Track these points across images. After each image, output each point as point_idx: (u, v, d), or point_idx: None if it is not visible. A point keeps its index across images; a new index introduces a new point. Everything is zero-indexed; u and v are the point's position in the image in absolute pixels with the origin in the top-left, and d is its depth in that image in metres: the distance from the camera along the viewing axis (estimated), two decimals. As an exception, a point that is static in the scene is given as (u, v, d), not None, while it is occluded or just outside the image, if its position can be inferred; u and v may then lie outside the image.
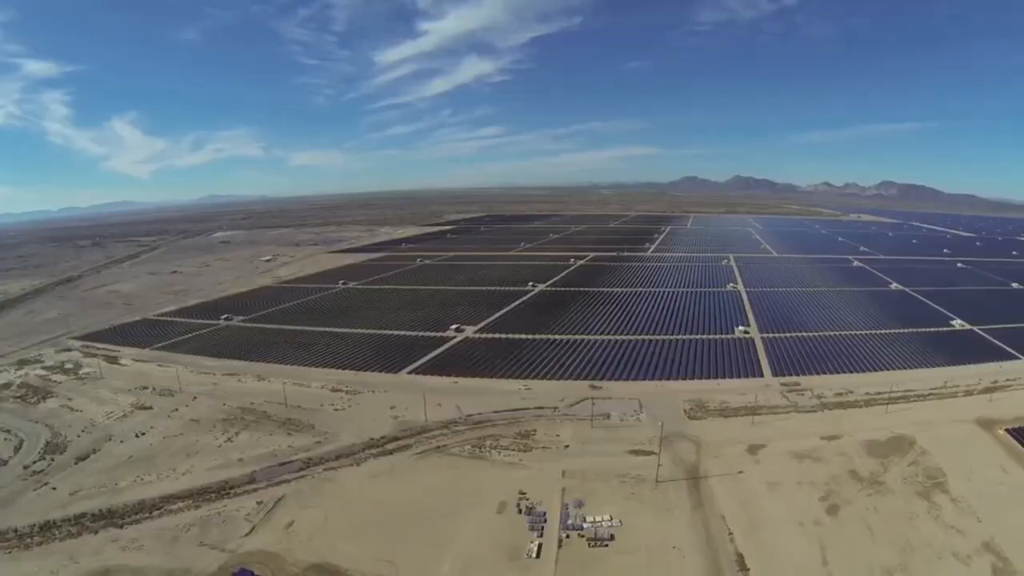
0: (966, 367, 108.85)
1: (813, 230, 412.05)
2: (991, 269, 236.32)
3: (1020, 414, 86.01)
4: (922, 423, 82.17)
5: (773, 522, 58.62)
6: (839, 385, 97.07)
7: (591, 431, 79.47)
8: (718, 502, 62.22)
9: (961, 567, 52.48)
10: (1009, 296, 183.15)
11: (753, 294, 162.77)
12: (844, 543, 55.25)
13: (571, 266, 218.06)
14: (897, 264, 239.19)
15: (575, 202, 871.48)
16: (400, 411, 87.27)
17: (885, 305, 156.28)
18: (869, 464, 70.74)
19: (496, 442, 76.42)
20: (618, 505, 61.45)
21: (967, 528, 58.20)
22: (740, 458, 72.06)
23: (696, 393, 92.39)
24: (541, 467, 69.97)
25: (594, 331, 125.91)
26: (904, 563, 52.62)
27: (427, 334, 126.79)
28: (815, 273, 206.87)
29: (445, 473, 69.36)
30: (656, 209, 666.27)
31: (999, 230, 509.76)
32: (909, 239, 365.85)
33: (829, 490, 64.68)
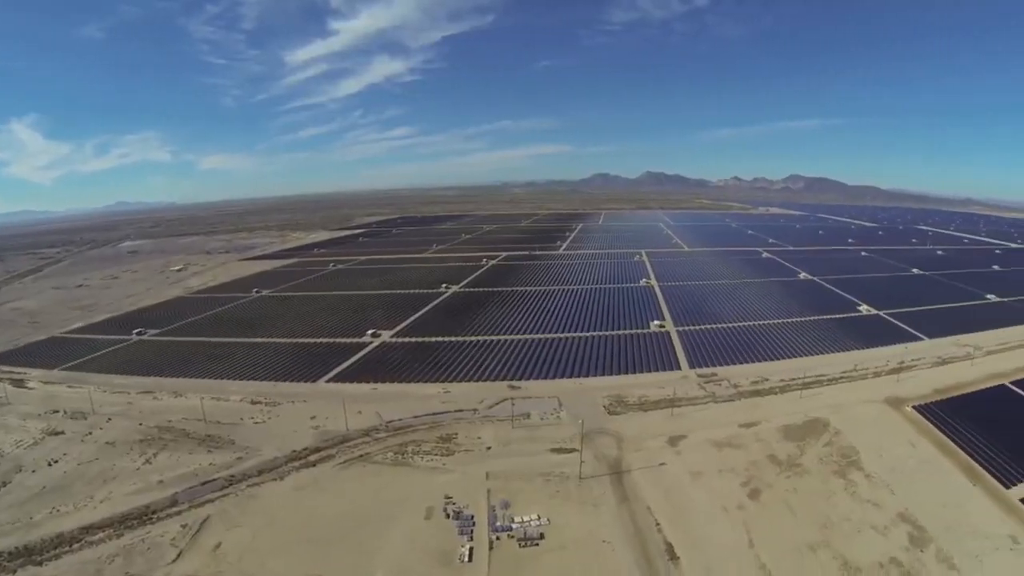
0: (874, 350, 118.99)
1: (724, 223, 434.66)
2: (893, 256, 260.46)
3: (925, 392, 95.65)
4: (835, 405, 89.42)
5: (698, 510, 62.08)
6: (755, 374, 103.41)
7: (512, 431, 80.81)
8: (643, 494, 65.04)
9: (880, 538, 57.76)
10: (910, 281, 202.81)
11: (666, 288, 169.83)
12: (768, 525, 59.43)
13: (484, 266, 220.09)
14: (805, 254, 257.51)
15: (487, 202, 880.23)
16: (321, 421, 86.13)
17: (795, 294, 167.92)
18: (787, 448, 76.06)
19: (418, 447, 76.72)
20: (544, 504, 63.00)
21: (882, 501, 64.03)
22: (662, 450, 75.51)
23: (614, 389, 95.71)
24: (465, 470, 70.68)
25: (510, 331, 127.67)
26: (826, 539, 57.30)
27: (344, 340, 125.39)
28: (727, 265, 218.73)
29: (370, 482, 68.99)
30: (568, 207, 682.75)
31: (899, 219, 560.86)
32: (816, 230, 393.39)
33: (750, 475, 69.06)
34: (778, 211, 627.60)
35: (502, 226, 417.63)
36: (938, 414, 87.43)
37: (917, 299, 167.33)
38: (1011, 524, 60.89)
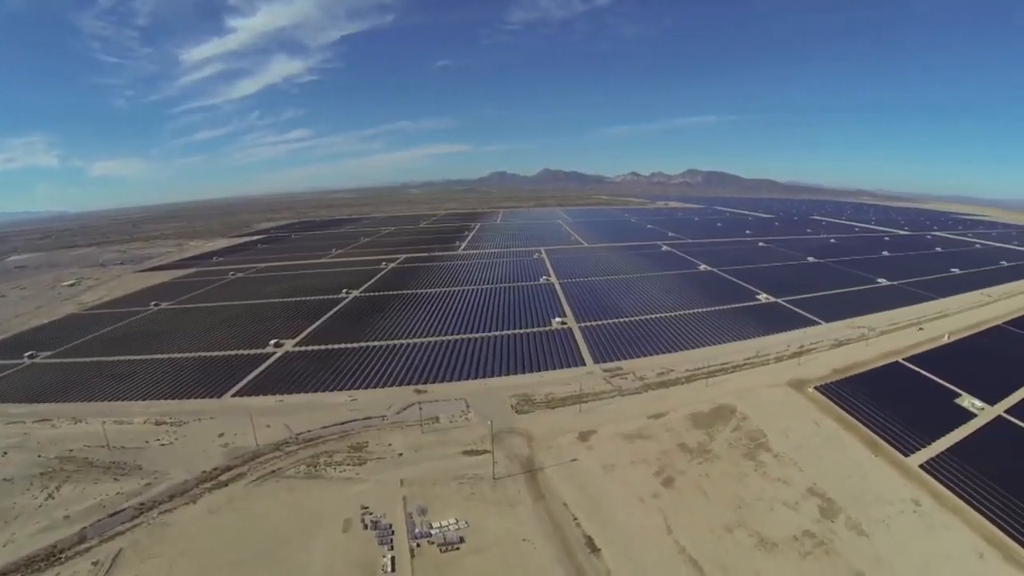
0: (774, 336, 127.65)
1: (623, 218, 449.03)
2: (789, 246, 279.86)
3: (825, 373, 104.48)
4: (740, 391, 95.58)
5: (614, 502, 64.63)
6: (660, 365, 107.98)
7: (422, 436, 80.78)
8: (558, 491, 66.91)
9: (792, 513, 62.70)
10: (806, 269, 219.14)
11: (567, 285, 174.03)
12: (684, 510, 62.83)
13: (384, 269, 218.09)
14: (704, 246, 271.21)
15: (385, 203, 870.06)
16: (229, 438, 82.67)
17: (696, 286, 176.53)
18: (696, 435, 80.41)
19: (330, 458, 75.38)
20: (461, 507, 63.66)
21: (792, 478, 69.48)
22: (573, 446, 77.75)
23: (521, 387, 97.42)
24: (379, 479, 70.17)
25: (413, 334, 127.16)
26: (741, 518, 61.45)
27: (247, 352, 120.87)
28: (627, 260, 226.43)
29: (284, 498, 67.03)
30: (466, 206, 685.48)
31: (794, 211, 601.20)
32: (714, 222, 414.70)
33: (662, 465, 72.44)
34: (677, 205, 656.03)
35: (401, 228, 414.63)
36: (838, 393, 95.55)
37: (813, 286, 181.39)
38: (912, 489, 68.07)
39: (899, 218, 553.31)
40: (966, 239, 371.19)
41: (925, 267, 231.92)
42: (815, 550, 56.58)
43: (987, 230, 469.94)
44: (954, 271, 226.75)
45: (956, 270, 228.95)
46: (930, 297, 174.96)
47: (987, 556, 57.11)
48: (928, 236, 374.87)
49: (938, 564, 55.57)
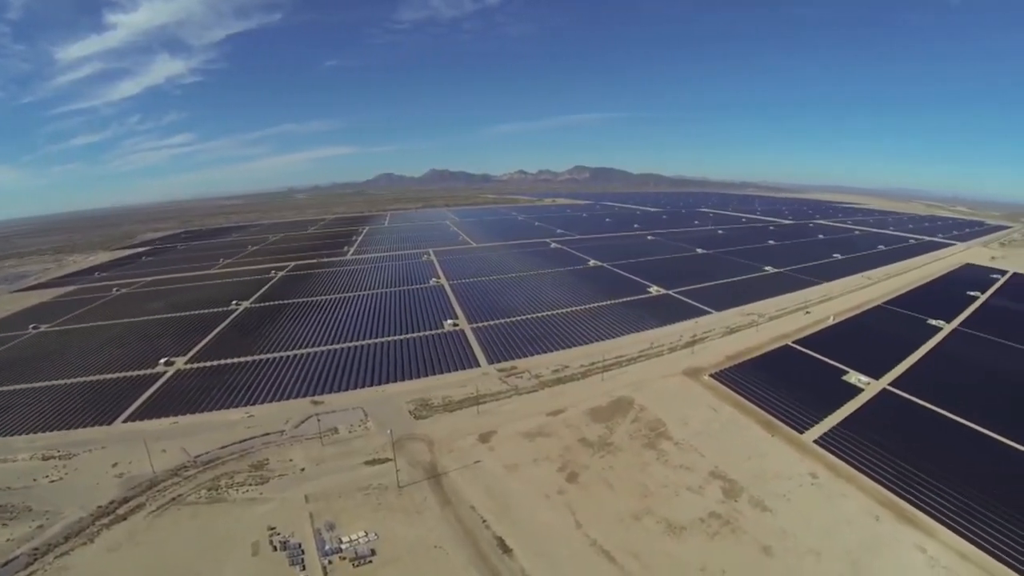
0: (667, 327, 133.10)
1: (510, 217, 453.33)
2: (677, 239, 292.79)
3: (719, 360, 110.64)
4: (637, 383, 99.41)
5: (521, 501, 65.89)
6: (555, 362, 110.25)
7: (323, 449, 79.19)
8: (464, 494, 67.50)
9: (697, 497, 66.36)
10: (695, 260, 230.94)
11: (457, 286, 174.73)
12: (590, 504, 64.91)
13: (273, 278, 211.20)
14: (593, 242, 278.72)
15: (273, 209, 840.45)
16: (124, 467, 77.34)
17: (587, 281, 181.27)
18: (596, 429, 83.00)
19: (232, 479, 72.25)
20: (369, 519, 62.97)
21: (694, 464, 73.39)
22: (474, 448, 78.55)
23: (417, 392, 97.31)
24: (283, 497, 68.10)
25: (306, 344, 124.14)
26: (648, 507, 64.29)
27: (136, 373, 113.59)
28: (516, 258, 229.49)
29: (188, 526, 63.68)
30: (354, 210, 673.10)
31: (682, 204, 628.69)
32: (603, 218, 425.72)
33: (565, 460, 74.43)
34: (565, 201, 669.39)
35: (289, 234, 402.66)
36: (733, 378, 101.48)
37: (703, 276, 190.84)
38: (809, 463, 74.00)
39: (783, 208, 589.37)
40: (846, 226, 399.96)
41: (809, 254, 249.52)
42: (722, 530, 60.07)
43: (865, 217, 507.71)
44: (836, 256, 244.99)
45: (838, 255, 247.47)
46: (815, 282, 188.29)
47: (882, 518, 63.18)
48: (811, 224, 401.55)
49: (838, 530, 60.66)
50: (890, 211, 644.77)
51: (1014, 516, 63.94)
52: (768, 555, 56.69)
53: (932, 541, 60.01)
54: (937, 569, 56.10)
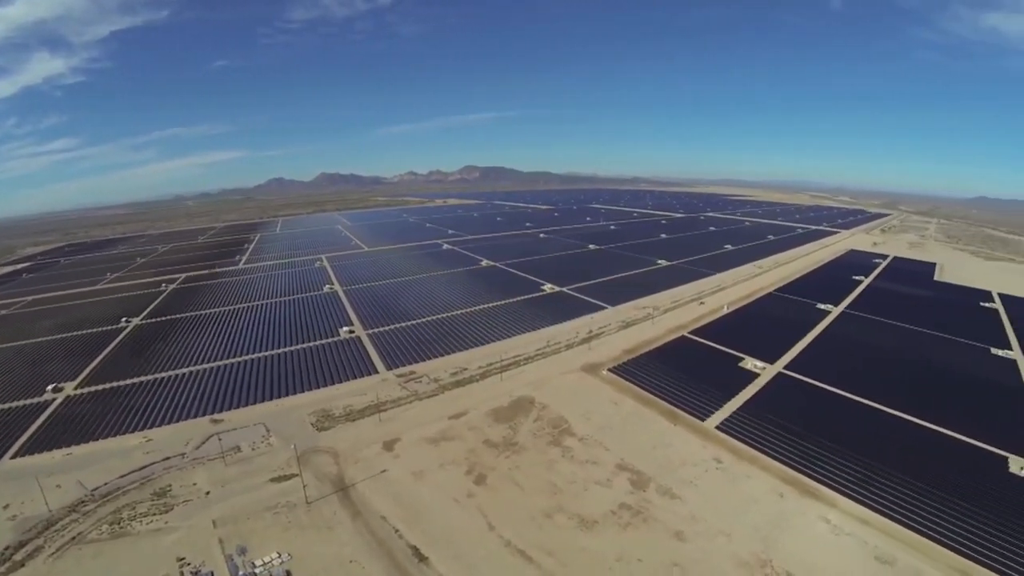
0: (563, 324, 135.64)
1: (402, 219, 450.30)
2: (569, 235, 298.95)
3: (616, 354, 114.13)
4: (536, 382, 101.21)
5: (431, 507, 65.73)
6: (453, 365, 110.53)
7: (226, 469, 76.11)
8: (374, 505, 66.70)
9: (606, 490, 68.23)
10: (588, 256, 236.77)
11: (351, 292, 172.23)
12: (501, 505, 65.57)
13: (164, 292, 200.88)
14: (485, 242, 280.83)
15: (161, 218, 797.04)
16: (16, 508, 71.02)
17: (480, 282, 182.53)
18: (500, 430, 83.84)
19: (134, 511, 68.03)
20: (280, 539, 61.09)
21: (600, 458, 75.37)
22: (379, 457, 77.71)
23: (318, 403, 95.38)
24: (190, 524, 64.91)
25: (202, 360, 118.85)
26: (558, 503, 65.53)
27: (23, 403, 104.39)
28: (409, 261, 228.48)
29: (92, 566, 59.37)
30: (244, 217, 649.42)
31: (572, 201, 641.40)
32: (494, 217, 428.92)
33: (472, 463, 74.82)
34: (456, 202, 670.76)
35: (179, 244, 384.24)
36: (631, 372, 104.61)
37: (597, 272, 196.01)
38: (712, 449, 77.62)
39: (674, 202, 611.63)
40: (736, 218, 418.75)
41: (701, 246, 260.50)
42: (633, 520, 62.00)
43: (754, 209, 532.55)
44: (727, 247, 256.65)
45: (729, 246, 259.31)
46: (708, 273, 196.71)
47: (786, 494, 67.27)
48: (701, 217, 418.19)
49: (746, 509, 64.03)
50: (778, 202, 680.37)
51: (906, 480, 70.02)
52: (681, 540, 58.98)
53: (834, 511, 64.73)
54: (841, 536, 60.65)
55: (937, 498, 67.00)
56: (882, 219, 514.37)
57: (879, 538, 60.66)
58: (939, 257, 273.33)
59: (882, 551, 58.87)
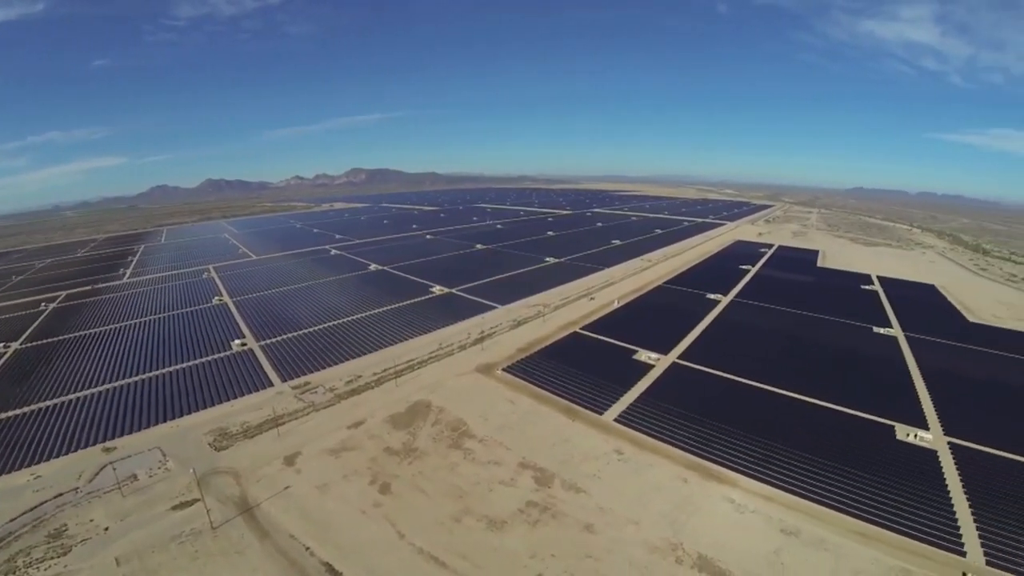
0: (455, 326, 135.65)
1: (289, 225, 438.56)
2: (457, 236, 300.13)
3: (510, 353, 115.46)
4: (432, 385, 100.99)
5: (339, 521, 64.29)
6: (347, 373, 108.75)
7: (124, 501, 71.44)
8: (281, 524, 64.48)
9: (511, 489, 68.74)
10: (476, 256, 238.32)
11: (241, 302, 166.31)
12: (409, 512, 64.92)
13: (44, 312, 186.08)
14: (373, 245, 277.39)
15: (37, 231, 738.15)
16: None
17: (370, 286, 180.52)
18: (400, 437, 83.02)
19: (29, 557, 62.36)
20: (189, 570, 57.92)
21: (502, 458, 75.87)
22: (281, 473, 75.24)
23: (214, 422, 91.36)
24: (91, 565, 60.38)
25: (90, 384, 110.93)
26: (465, 507, 65.48)
27: None
28: (298, 268, 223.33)
29: None
30: (127, 227, 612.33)
31: (459, 201, 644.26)
32: (381, 220, 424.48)
33: (375, 473, 73.72)
34: (342, 205, 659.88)
35: (58, 259, 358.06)
36: (526, 370, 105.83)
37: (486, 272, 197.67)
38: (613, 441, 79.57)
39: (561, 199, 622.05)
40: (623, 213, 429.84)
41: (589, 242, 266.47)
42: (542, 516, 62.78)
43: (641, 203, 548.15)
44: (615, 242, 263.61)
45: (617, 241, 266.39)
46: (597, 268, 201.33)
47: (690, 479, 69.93)
48: (588, 213, 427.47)
49: (651, 497, 66.07)
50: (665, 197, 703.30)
51: (803, 456, 74.70)
52: (591, 532, 60.20)
53: (737, 491, 67.94)
54: (746, 514, 63.73)
55: (834, 470, 71.88)
56: (766, 210, 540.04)
57: (783, 512, 64.15)
58: (821, 245, 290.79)
59: (787, 524, 62.27)
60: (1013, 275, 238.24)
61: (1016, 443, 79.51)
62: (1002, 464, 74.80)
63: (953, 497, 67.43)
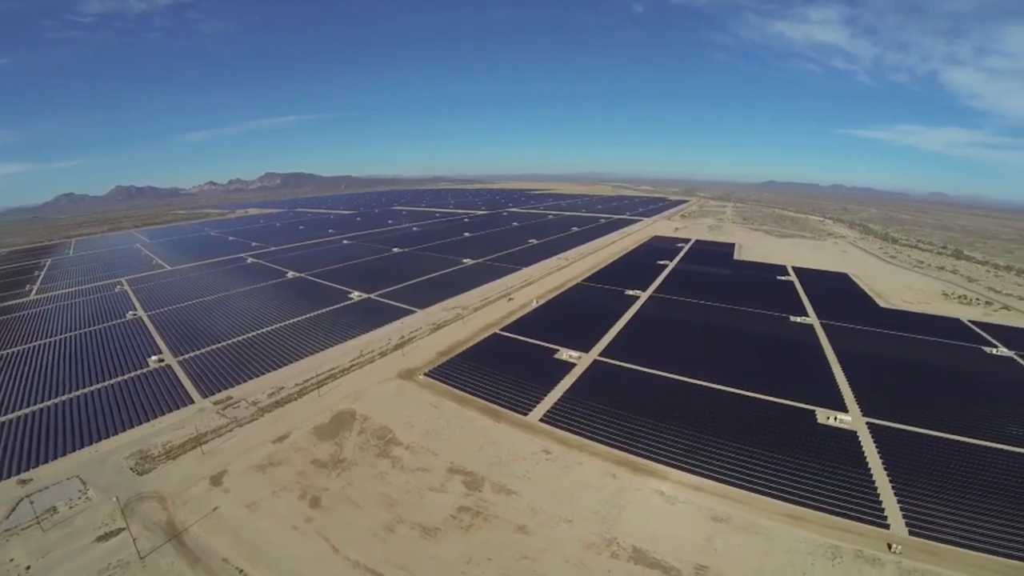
0: (375, 332, 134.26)
1: (203, 233, 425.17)
2: (373, 240, 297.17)
3: (431, 357, 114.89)
4: (355, 393, 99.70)
5: (271, 540, 62.50)
6: (269, 385, 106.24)
7: (45, 536, 66.97)
8: (212, 547, 62.10)
9: (442, 495, 68.42)
10: (393, 260, 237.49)
11: (157, 317, 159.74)
12: (341, 526, 63.70)
13: None
14: (290, 252, 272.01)
15: None
16: None
17: (288, 295, 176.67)
18: (326, 448, 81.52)
19: None
20: None
21: (430, 464, 75.48)
22: (208, 494, 72.43)
23: (135, 444, 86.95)
24: None
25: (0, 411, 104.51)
26: (398, 516, 64.77)
27: None
28: (214, 279, 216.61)
29: None
30: (32, 240, 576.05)
31: (375, 204, 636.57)
32: (296, 226, 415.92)
33: (304, 487, 72.06)
34: (257, 212, 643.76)
35: None
36: (448, 374, 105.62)
37: (403, 276, 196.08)
38: (540, 441, 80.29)
39: (476, 200, 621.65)
40: (539, 211, 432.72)
41: (506, 242, 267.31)
42: (475, 521, 62.71)
43: (557, 202, 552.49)
44: (532, 242, 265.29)
45: (534, 240, 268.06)
46: (515, 268, 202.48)
47: (618, 475, 71.38)
48: (504, 213, 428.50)
49: (582, 494, 67.05)
50: (581, 194, 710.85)
51: (729, 445, 77.61)
52: (525, 533, 60.56)
53: (667, 483, 69.90)
54: (677, 505, 65.62)
55: (759, 456, 74.89)
56: (682, 205, 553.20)
57: (713, 501, 66.35)
58: (737, 238, 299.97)
59: (717, 512, 64.38)
60: (920, 261, 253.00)
61: (928, 419, 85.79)
62: (917, 440, 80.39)
63: (874, 474, 71.65)
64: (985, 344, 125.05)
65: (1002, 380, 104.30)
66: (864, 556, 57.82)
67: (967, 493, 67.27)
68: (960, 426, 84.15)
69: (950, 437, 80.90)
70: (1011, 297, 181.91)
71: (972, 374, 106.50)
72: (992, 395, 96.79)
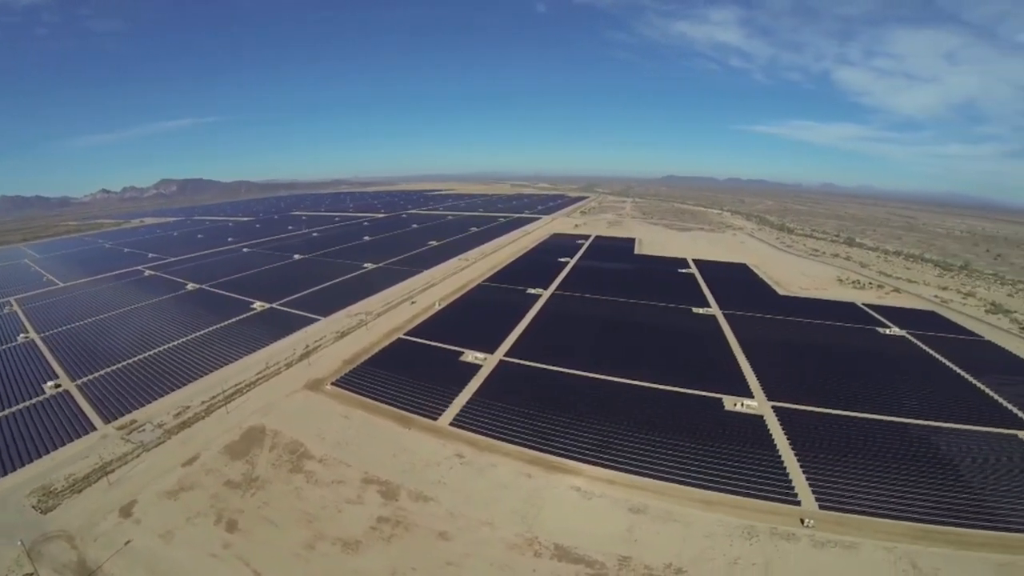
0: (279, 343, 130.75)
1: (97, 245, 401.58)
2: (273, 247, 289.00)
3: (337, 366, 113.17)
4: (263, 408, 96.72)
5: (189, 570, 59.63)
6: (175, 405, 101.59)
7: None
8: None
9: (359, 507, 67.61)
10: (294, 267, 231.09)
11: (51, 338, 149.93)
12: (261, 548, 61.76)
13: None
14: (189, 263, 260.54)
15: None
16: None
17: (189, 307, 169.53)
18: (238, 467, 78.83)
19: None
20: None
21: (344, 476, 74.38)
22: (119, 527, 68.12)
23: (36, 479, 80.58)
24: None
25: None
26: (317, 532, 63.44)
27: None
28: (111, 294, 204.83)
29: None
30: None
31: (274, 209, 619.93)
32: (194, 235, 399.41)
33: (219, 511, 69.28)
34: (153, 220, 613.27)
35: None
36: (355, 382, 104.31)
37: (305, 283, 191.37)
38: (452, 445, 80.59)
39: (375, 202, 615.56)
40: (438, 212, 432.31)
41: (406, 244, 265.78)
42: (395, 531, 62.40)
43: (456, 202, 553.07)
44: (432, 243, 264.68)
45: (434, 242, 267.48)
46: (416, 271, 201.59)
47: (533, 474, 72.59)
48: (404, 215, 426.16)
49: (499, 496, 67.96)
50: (479, 194, 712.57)
51: (639, 437, 79.98)
52: (447, 539, 60.75)
53: (581, 479, 71.44)
54: (593, 499, 67.34)
55: (670, 446, 77.50)
56: (582, 202, 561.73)
57: (628, 493, 68.35)
58: (637, 233, 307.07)
59: (633, 503, 66.38)
60: (815, 250, 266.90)
61: (830, 399, 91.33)
62: (820, 419, 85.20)
63: (782, 455, 75.57)
64: (879, 325, 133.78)
65: (896, 357, 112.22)
66: (779, 533, 60.84)
67: (870, 465, 72.09)
68: (860, 403, 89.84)
69: (851, 414, 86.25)
70: (901, 280, 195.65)
71: (868, 353, 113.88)
72: (888, 372, 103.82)
